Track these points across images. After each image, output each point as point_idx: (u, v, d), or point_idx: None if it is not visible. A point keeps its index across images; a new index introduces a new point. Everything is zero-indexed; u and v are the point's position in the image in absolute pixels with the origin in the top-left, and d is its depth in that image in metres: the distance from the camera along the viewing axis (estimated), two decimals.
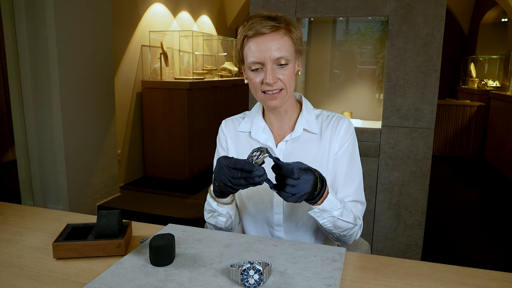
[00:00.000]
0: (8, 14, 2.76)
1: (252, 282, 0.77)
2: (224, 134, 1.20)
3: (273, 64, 1.01)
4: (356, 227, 1.05)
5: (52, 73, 2.81)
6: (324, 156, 1.10)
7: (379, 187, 2.32)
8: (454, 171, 4.72)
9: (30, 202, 2.99)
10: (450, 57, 6.96)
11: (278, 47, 1.00)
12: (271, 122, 1.15)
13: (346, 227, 1.02)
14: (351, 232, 1.05)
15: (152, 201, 3.49)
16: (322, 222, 0.99)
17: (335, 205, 0.98)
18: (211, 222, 1.12)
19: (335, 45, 2.77)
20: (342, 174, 1.10)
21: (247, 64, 1.04)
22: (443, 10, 2.11)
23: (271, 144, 1.12)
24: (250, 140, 1.15)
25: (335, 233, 1.03)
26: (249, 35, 1.00)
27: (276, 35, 1.00)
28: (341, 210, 0.99)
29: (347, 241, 1.08)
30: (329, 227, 1.00)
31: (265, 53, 0.99)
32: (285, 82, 1.03)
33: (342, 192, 1.10)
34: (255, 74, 1.03)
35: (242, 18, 6.40)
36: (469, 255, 2.58)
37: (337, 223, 0.99)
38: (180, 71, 4.59)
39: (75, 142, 2.98)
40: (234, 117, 1.22)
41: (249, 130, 1.16)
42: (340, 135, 1.11)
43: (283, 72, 1.02)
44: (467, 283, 0.84)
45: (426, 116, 2.21)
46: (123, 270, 0.86)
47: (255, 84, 1.04)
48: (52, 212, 1.24)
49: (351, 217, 1.03)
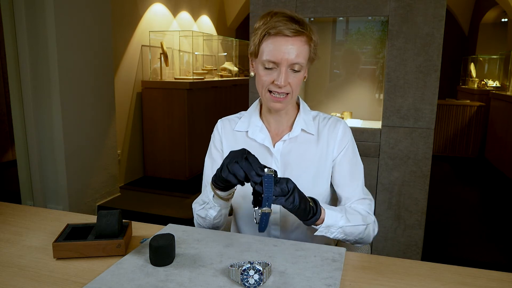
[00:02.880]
0: (8, 14, 2.76)
1: (252, 282, 0.77)
2: (220, 134, 1.19)
3: (287, 67, 1.01)
4: (369, 226, 1.06)
5: (52, 73, 2.81)
6: (322, 158, 1.11)
7: (379, 187, 2.32)
8: (454, 171, 4.72)
9: (30, 202, 2.99)
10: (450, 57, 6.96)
11: (297, 53, 0.99)
12: (269, 122, 1.15)
13: (357, 231, 1.03)
14: (366, 233, 1.05)
15: (152, 201, 3.48)
16: (333, 236, 1.01)
17: (337, 217, 0.99)
18: (200, 215, 1.09)
19: (335, 45, 2.77)
20: (346, 175, 1.11)
21: (261, 60, 1.03)
22: (443, 10, 2.11)
23: (268, 143, 1.12)
24: (247, 140, 1.15)
25: (350, 240, 1.05)
26: (272, 33, 0.99)
27: (297, 41, 1.00)
28: (344, 218, 1.00)
29: (366, 241, 1.08)
30: (341, 237, 1.02)
31: (283, 55, 0.99)
32: (293, 87, 1.03)
33: (348, 191, 1.11)
34: (267, 72, 1.03)
35: (242, 18, 6.40)
36: (469, 255, 2.58)
37: (347, 231, 1.01)
38: (180, 71, 4.59)
39: (75, 142, 2.98)
40: (230, 117, 1.21)
41: (246, 130, 1.15)
42: (338, 139, 1.11)
43: (294, 77, 1.02)
44: (467, 283, 0.84)
45: (426, 116, 2.20)
46: (123, 270, 0.86)
47: (264, 82, 1.04)
48: (52, 212, 1.24)
49: (359, 219, 1.04)
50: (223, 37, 5.69)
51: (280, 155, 1.11)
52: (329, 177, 1.12)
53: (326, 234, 0.99)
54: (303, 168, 1.10)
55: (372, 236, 1.08)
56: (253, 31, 1.05)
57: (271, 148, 1.11)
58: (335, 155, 1.11)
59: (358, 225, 1.02)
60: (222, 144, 1.18)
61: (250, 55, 1.08)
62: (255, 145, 1.14)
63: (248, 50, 1.09)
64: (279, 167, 1.10)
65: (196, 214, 1.13)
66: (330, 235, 1.00)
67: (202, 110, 4.18)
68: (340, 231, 1.00)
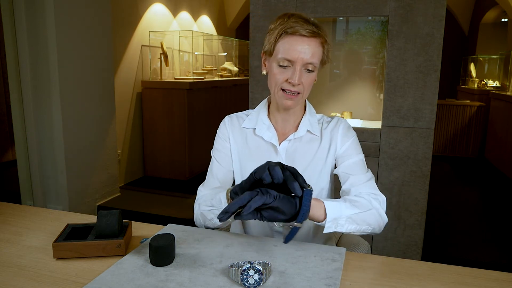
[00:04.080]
0: (8, 14, 2.76)
1: (252, 282, 0.77)
2: (227, 129, 1.20)
3: (302, 66, 1.03)
4: (373, 210, 1.01)
5: (52, 73, 2.81)
6: (324, 155, 1.14)
7: (379, 187, 2.31)
8: (454, 171, 4.72)
9: (30, 202, 2.99)
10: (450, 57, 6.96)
11: (313, 53, 1.02)
12: (276, 120, 1.17)
13: (370, 218, 0.99)
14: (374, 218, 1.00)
15: (152, 201, 3.49)
16: (346, 230, 0.96)
17: (340, 207, 0.95)
18: (207, 216, 1.07)
19: (335, 45, 2.76)
20: (351, 162, 1.11)
21: (276, 58, 1.05)
22: (443, 10, 2.11)
23: (275, 141, 1.14)
24: (254, 137, 1.17)
25: (365, 230, 0.99)
26: (289, 32, 1.02)
27: (313, 41, 1.03)
28: (350, 207, 0.96)
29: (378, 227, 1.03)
30: (354, 229, 0.97)
31: (299, 54, 1.01)
32: (305, 87, 1.06)
33: (356, 178, 1.09)
34: (281, 70, 1.05)
35: (242, 18, 6.40)
36: (469, 255, 2.58)
37: (357, 219, 0.97)
38: (180, 71, 4.59)
39: (75, 142, 2.98)
40: (238, 114, 1.23)
41: (254, 127, 1.17)
42: (339, 135, 1.14)
43: (307, 77, 1.05)
44: (467, 283, 0.84)
45: (426, 116, 2.20)
46: (123, 270, 0.86)
47: (278, 80, 1.05)
48: (52, 212, 1.24)
49: (365, 203, 1.00)
50: (223, 37, 5.70)
51: (285, 154, 1.14)
52: (330, 172, 1.15)
53: (336, 229, 0.94)
54: (307, 166, 1.13)
55: (383, 220, 1.03)
56: (268, 31, 1.09)
57: (278, 146, 1.14)
58: (338, 150, 1.14)
59: (366, 211, 0.98)
60: (230, 139, 1.20)
61: (264, 53, 1.11)
62: (261, 143, 1.16)
63: (262, 49, 1.11)
64: None
65: (200, 211, 1.10)
66: (341, 228, 0.95)
67: (202, 110, 4.18)
68: (350, 221, 0.96)
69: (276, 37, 1.04)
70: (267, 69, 1.11)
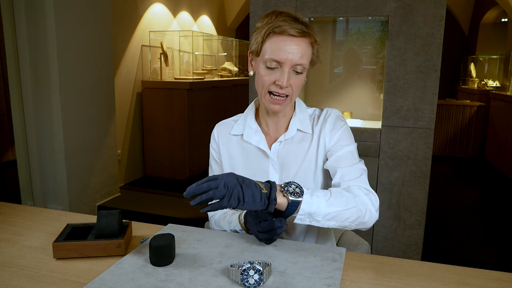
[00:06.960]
0: (8, 14, 2.76)
1: (252, 282, 0.77)
2: (216, 141, 1.18)
3: (290, 68, 0.99)
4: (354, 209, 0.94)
5: (52, 73, 2.81)
6: (316, 152, 1.10)
7: (379, 187, 2.32)
8: (454, 171, 4.72)
9: (30, 202, 2.99)
10: (450, 57, 6.96)
11: (302, 54, 0.98)
12: (267, 123, 1.13)
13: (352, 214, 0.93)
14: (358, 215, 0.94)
15: (152, 201, 3.48)
16: (325, 226, 0.93)
17: (319, 203, 0.91)
18: (222, 227, 1.13)
19: (335, 45, 2.77)
20: (340, 155, 1.06)
21: (263, 59, 1.00)
22: (443, 10, 2.11)
23: (264, 146, 1.11)
24: (243, 143, 1.14)
25: (348, 226, 0.95)
26: (277, 31, 0.97)
27: (302, 42, 0.98)
28: (332, 201, 0.92)
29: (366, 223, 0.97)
30: (334, 225, 0.93)
31: (287, 55, 0.97)
32: (294, 89, 1.02)
33: (344, 171, 1.03)
34: (269, 72, 1.00)
35: (242, 18, 6.40)
36: (469, 255, 2.58)
37: (337, 216, 0.92)
38: (180, 71, 4.59)
39: (75, 142, 2.98)
40: (227, 121, 1.20)
41: (242, 133, 1.14)
42: (327, 128, 1.09)
43: (296, 79, 1.01)
44: (467, 283, 0.84)
45: (426, 116, 2.20)
46: (123, 270, 0.86)
47: (265, 82, 1.01)
48: (52, 212, 1.24)
49: (350, 199, 0.94)
50: (223, 37, 5.69)
51: (277, 157, 1.10)
52: (323, 168, 1.10)
53: (312, 223, 0.91)
54: (300, 166, 1.10)
55: (372, 216, 0.96)
56: (255, 29, 1.03)
57: (267, 150, 1.10)
58: (327, 144, 1.09)
59: (350, 208, 0.93)
60: (220, 153, 1.18)
61: (251, 53, 1.06)
62: (251, 148, 1.13)
63: (249, 48, 1.07)
64: (276, 169, 1.10)
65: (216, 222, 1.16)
66: (318, 224, 0.92)
67: (202, 110, 4.18)
68: (329, 217, 0.91)
69: (263, 36, 0.99)
70: (254, 69, 1.06)
